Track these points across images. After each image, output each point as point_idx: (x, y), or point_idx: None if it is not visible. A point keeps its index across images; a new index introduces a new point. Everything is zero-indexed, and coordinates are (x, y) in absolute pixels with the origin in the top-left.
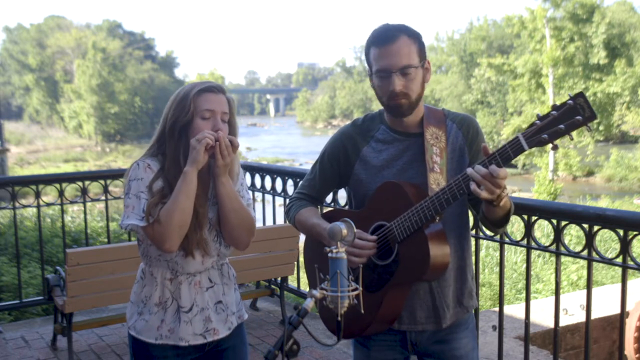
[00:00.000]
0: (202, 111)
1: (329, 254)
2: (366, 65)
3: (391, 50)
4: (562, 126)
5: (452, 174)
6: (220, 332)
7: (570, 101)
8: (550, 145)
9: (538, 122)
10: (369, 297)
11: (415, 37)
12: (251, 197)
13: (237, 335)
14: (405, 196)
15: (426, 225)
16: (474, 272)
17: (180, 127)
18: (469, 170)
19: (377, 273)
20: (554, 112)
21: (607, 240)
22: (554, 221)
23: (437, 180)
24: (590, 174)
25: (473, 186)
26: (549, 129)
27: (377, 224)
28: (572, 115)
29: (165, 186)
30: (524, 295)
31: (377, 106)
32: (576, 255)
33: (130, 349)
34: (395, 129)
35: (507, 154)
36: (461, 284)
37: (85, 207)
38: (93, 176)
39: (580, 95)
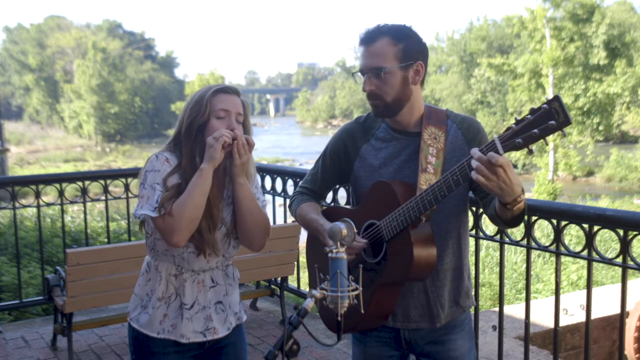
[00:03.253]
0: (217, 111)
1: (329, 254)
2: None
3: (366, 51)
4: (536, 130)
5: None
6: (220, 331)
7: (545, 105)
8: (526, 150)
9: (514, 125)
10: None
11: (402, 39)
12: (265, 198)
13: (237, 333)
14: (394, 196)
15: (413, 225)
16: (472, 271)
17: (196, 128)
18: (473, 155)
19: (368, 270)
20: (529, 116)
21: (607, 240)
22: (554, 221)
23: (428, 180)
24: (590, 174)
25: (475, 176)
26: (523, 133)
27: (368, 222)
28: (546, 120)
29: (183, 183)
30: (524, 295)
31: None
32: (576, 255)
33: (131, 341)
34: (394, 128)
35: None
36: (458, 283)
37: (85, 207)
38: (93, 176)
39: (556, 99)
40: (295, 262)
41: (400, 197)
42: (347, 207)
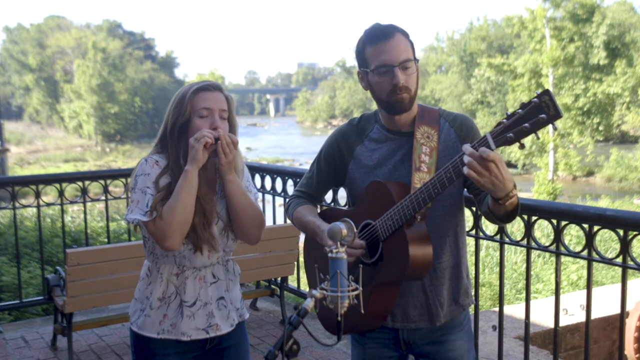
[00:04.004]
0: (199, 110)
1: (329, 254)
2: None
3: (390, 45)
4: (527, 125)
5: None
6: (223, 328)
7: (535, 99)
8: (517, 144)
9: (505, 120)
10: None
11: (407, 35)
12: (258, 192)
13: (239, 333)
14: (389, 195)
15: (408, 224)
16: (469, 270)
17: (179, 128)
18: (465, 151)
19: (365, 270)
20: (520, 110)
21: (607, 240)
22: (554, 221)
23: (422, 179)
24: (590, 174)
25: (466, 170)
26: (514, 128)
27: (364, 223)
28: (537, 114)
29: (173, 183)
30: (524, 295)
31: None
32: (576, 255)
33: (132, 345)
34: (388, 128)
35: None
36: (457, 282)
37: (85, 207)
38: (93, 176)
39: (546, 93)
40: (295, 262)
41: (395, 196)
42: (343, 208)
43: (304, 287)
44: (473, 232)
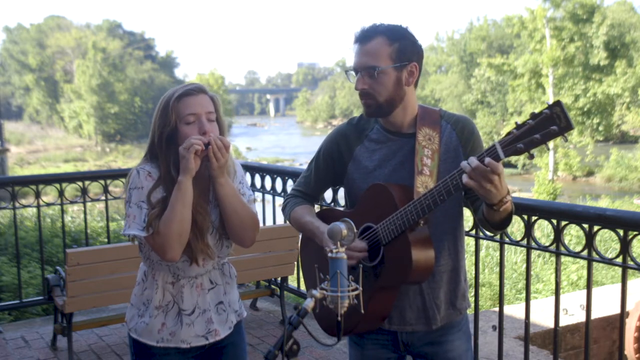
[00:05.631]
0: (185, 117)
1: (329, 254)
2: None
3: (361, 50)
4: (537, 136)
5: (444, 176)
6: (221, 332)
7: (546, 110)
8: (527, 154)
9: (515, 130)
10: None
11: (397, 39)
12: (252, 193)
13: (237, 332)
14: (391, 199)
15: (411, 229)
16: (472, 272)
17: (167, 138)
18: (462, 163)
19: (365, 273)
20: (530, 120)
21: (607, 240)
22: (554, 221)
23: (425, 183)
24: (590, 174)
25: (466, 179)
26: (525, 138)
27: (365, 225)
28: (548, 125)
29: (167, 195)
30: (524, 295)
31: None
32: (576, 255)
33: (131, 347)
34: (388, 129)
35: None
36: (454, 285)
37: (85, 207)
38: (93, 176)
39: (557, 104)
40: (295, 262)
41: (397, 200)
42: (341, 209)
43: (304, 287)
44: (473, 232)
